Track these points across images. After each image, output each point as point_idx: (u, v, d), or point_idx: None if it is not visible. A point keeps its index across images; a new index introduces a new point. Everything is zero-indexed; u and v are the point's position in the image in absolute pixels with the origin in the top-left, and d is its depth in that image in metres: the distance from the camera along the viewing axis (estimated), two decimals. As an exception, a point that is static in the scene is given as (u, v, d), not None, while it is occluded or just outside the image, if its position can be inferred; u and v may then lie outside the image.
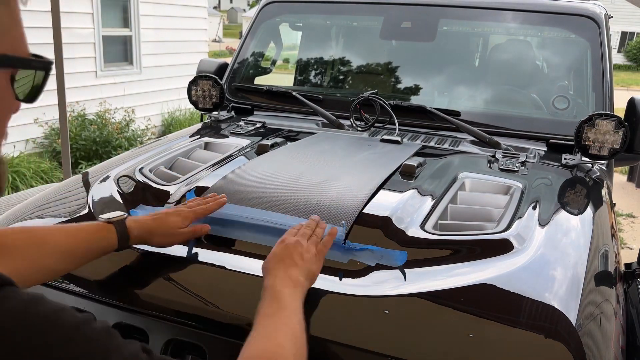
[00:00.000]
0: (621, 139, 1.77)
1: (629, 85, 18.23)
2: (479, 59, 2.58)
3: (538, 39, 2.50)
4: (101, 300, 1.08)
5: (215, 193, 1.28)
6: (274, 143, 1.84)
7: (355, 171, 1.55)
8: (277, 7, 2.64)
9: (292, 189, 1.37)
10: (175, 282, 1.11)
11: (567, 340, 0.95)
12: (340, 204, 1.30)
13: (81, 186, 1.63)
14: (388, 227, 1.25)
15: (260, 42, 2.67)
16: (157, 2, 7.76)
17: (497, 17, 2.36)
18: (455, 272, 1.10)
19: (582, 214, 1.53)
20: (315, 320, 1.00)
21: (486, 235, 1.25)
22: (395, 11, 2.48)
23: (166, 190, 1.48)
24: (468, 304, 1.01)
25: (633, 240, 4.95)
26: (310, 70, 2.77)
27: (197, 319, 1.01)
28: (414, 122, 2.14)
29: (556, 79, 2.39)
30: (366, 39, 2.73)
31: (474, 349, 0.91)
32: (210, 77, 2.29)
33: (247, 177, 1.45)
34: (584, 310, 1.04)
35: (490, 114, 2.17)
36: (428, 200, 1.42)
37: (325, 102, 2.30)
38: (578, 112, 2.11)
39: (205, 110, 2.33)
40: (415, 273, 1.09)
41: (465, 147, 1.97)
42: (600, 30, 2.18)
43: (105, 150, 6.12)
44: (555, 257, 1.23)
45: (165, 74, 7.95)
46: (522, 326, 0.96)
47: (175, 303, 1.05)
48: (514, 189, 1.53)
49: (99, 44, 6.91)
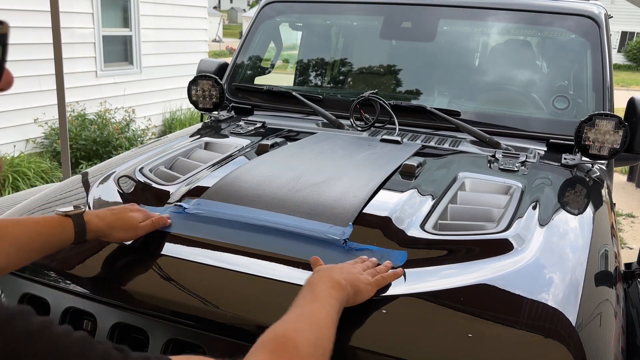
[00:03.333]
0: (621, 138, 1.77)
1: (629, 85, 18.23)
2: (479, 58, 2.58)
3: (538, 39, 2.50)
4: (101, 300, 1.08)
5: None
6: (274, 143, 1.84)
7: (355, 171, 1.55)
8: (277, 7, 2.64)
9: (292, 189, 1.37)
10: (175, 282, 1.11)
11: (567, 340, 0.95)
12: (341, 204, 1.30)
13: (81, 186, 1.63)
14: (388, 227, 1.25)
15: (260, 42, 2.67)
16: (157, 2, 7.76)
17: (497, 17, 2.36)
18: (456, 272, 1.10)
19: (582, 214, 1.53)
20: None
21: (486, 235, 1.25)
22: (395, 11, 2.48)
23: (166, 190, 1.48)
24: (468, 304, 1.01)
25: (633, 240, 4.95)
26: (310, 70, 2.77)
27: (197, 319, 1.01)
28: (414, 122, 2.14)
29: (556, 78, 2.39)
30: (366, 38, 2.73)
31: (473, 349, 0.91)
32: (210, 77, 2.29)
33: (247, 177, 1.45)
34: (584, 310, 1.04)
35: (490, 114, 2.17)
36: (428, 200, 1.42)
37: (325, 102, 2.30)
38: (578, 112, 2.11)
39: (205, 110, 2.33)
40: (415, 273, 1.09)
41: (465, 147, 1.97)
42: (600, 30, 2.18)
43: (105, 150, 6.12)
44: (555, 257, 1.23)
45: (166, 74, 7.95)
46: (522, 326, 0.96)
47: (175, 303, 1.05)
48: (514, 189, 1.53)
49: (99, 43, 6.92)
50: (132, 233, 1.14)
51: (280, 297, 1.06)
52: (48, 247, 1.03)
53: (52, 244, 1.04)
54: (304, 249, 1.15)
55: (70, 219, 1.05)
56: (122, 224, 1.11)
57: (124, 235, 1.13)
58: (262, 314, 1.00)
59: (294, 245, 1.16)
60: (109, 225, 1.10)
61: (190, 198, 1.38)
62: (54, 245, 1.04)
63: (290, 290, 1.08)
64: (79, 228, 1.05)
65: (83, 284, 1.12)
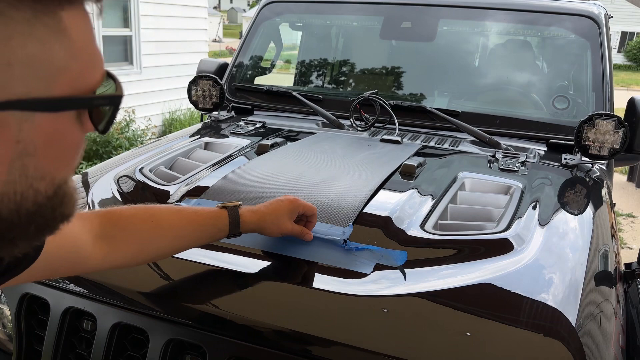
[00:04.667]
0: (621, 139, 1.77)
1: (629, 85, 18.23)
2: (479, 58, 2.58)
3: (538, 39, 2.51)
4: (101, 300, 1.08)
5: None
6: (274, 143, 1.84)
7: (355, 171, 1.55)
8: (277, 7, 2.64)
9: (292, 189, 1.38)
10: (175, 282, 1.11)
11: (567, 340, 0.95)
12: (341, 204, 1.30)
13: (81, 186, 1.63)
14: (388, 227, 1.25)
15: (260, 42, 2.67)
16: (157, 2, 7.76)
17: (497, 17, 2.36)
18: (456, 272, 1.10)
19: (582, 214, 1.53)
20: (315, 319, 1.00)
21: (486, 235, 1.25)
22: (396, 11, 2.48)
23: (166, 190, 1.48)
24: (468, 304, 1.01)
25: (633, 240, 4.95)
26: (310, 70, 2.77)
27: (197, 319, 1.01)
28: (414, 122, 2.14)
29: (556, 79, 2.39)
30: (366, 38, 2.73)
31: (473, 349, 0.91)
32: (210, 77, 2.29)
33: (247, 177, 1.45)
34: (584, 310, 1.04)
35: (490, 114, 2.17)
36: (428, 200, 1.42)
37: (325, 102, 2.30)
38: (578, 112, 2.11)
39: (205, 110, 2.33)
40: (415, 273, 1.09)
41: (465, 147, 1.97)
42: (600, 30, 2.18)
43: (105, 150, 6.11)
44: (555, 257, 1.23)
45: (166, 74, 7.94)
46: (522, 326, 0.96)
47: (175, 303, 1.05)
48: (514, 189, 1.53)
49: (99, 43, 6.91)
50: (284, 228, 1.11)
51: (281, 296, 1.06)
52: (203, 237, 1.03)
53: (206, 235, 1.03)
54: (303, 249, 1.15)
55: (226, 211, 1.04)
56: (275, 219, 1.10)
57: (277, 230, 1.11)
58: (262, 314, 1.00)
59: (293, 245, 1.16)
60: (262, 218, 1.08)
61: (190, 198, 1.38)
62: (208, 236, 1.04)
63: (290, 290, 1.09)
64: (234, 219, 1.04)
65: (83, 284, 1.12)
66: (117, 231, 0.94)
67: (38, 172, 0.46)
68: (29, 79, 0.42)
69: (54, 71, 0.44)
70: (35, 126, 0.44)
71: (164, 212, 1.01)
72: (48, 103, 0.44)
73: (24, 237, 0.49)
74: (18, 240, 0.49)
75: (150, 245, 0.98)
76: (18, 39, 0.41)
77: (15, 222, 0.47)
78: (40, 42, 0.42)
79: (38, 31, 0.42)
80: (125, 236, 0.94)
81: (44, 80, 0.43)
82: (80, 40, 0.46)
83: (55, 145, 0.47)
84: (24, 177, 0.45)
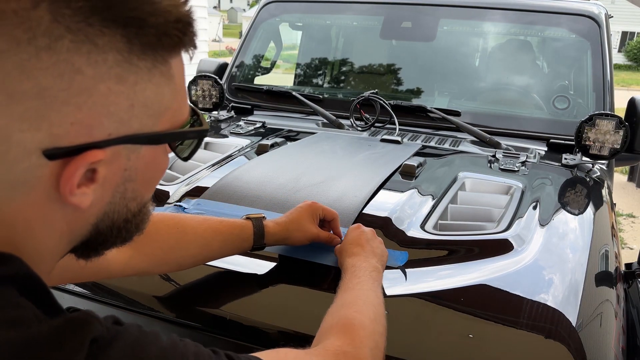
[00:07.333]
0: (621, 138, 1.77)
1: (629, 85, 18.22)
2: (479, 58, 2.58)
3: (538, 39, 2.51)
4: (101, 300, 1.08)
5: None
6: (274, 143, 1.84)
7: (355, 171, 1.55)
8: (277, 7, 2.64)
9: (292, 189, 1.37)
10: (175, 282, 1.11)
11: (567, 340, 0.95)
12: (341, 204, 1.29)
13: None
14: (388, 227, 1.25)
15: (260, 42, 2.67)
16: (157, 2, 7.76)
17: (497, 17, 2.36)
18: (456, 272, 1.10)
19: (582, 214, 1.53)
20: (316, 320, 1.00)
21: (486, 236, 1.25)
22: (396, 11, 2.48)
23: (166, 190, 1.48)
24: (468, 304, 1.01)
25: (633, 240, 4.95)
26: (310, 70, 2.77)
27: (198, 319, 1.01)
28: (414, 122, 2.14)
29: (556, 78, 2.39)
30: (366, 38, 2.73)
31: (474, 350, 0.91)
32: (210, 76, 2.29)
33: (247, 177, 1.45)
34: (584, 311, 1.04)
35: (490, 114, 2.17)
36: (428, 200, 1.42)
37: (325, 102, 2.30)
38: (578, 112, 2.11)
39: (205, 110, 2.33)
40: (415, 273, 1.09)
41: (466, 147, 1.97)
42: (601, 30, 2.18)
43: (105, 150, 6.11)
44: (556, 257, 1.22)
45: (165, 74, 7.94)
46: (522, 326, 0.96)
47: (176, 303, 1.05)
48: (514, 189, 1.53)
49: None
50: (310, 233, 1.10)
51: (281, 297, 1.06)
52: (227, 247, 1.02)
53: (231, 245, 1.02)
54: (303, 249, 1.14)
55: (250, 222, 1.04)
56: (298, 226, 1.08)
57: (303, 236, 1.10)
58: (262, 314, 1.00)
59: (294, 246, 1.16)
60: (286, 228, 1.07)
61: (190, 198, 1.38)
62: (233, 247, 1.02)
63: (290, 290, 1.09)
64: (258, 230, 1.03)
65: (83, 284, 1.12)
66: (141, 236, 0.93)
67: (133, 194, 0.54)
68: (143, 117, 0.50)
69: (161, 110, 0.52)
70: (140, 156, 0.52)
71: (189, 221, 1.00)
72: (155, 137, 0.52)
73: (107, 247, 0.57)
74: (101, 248, 0.57)
75: (175, 253, 0.97)
76: (141, 85, 0.49)
77: (107, 235, 0.55)
78: (156, 86, 0.50)
79: (155, 77, 0.50)
80: (149, 241, 0.92)
81: (153, 118, 0.51)
82: (180, 82, 0.54)
83: (151, 171, 0.55)
84: (123, 199, 0.53)
